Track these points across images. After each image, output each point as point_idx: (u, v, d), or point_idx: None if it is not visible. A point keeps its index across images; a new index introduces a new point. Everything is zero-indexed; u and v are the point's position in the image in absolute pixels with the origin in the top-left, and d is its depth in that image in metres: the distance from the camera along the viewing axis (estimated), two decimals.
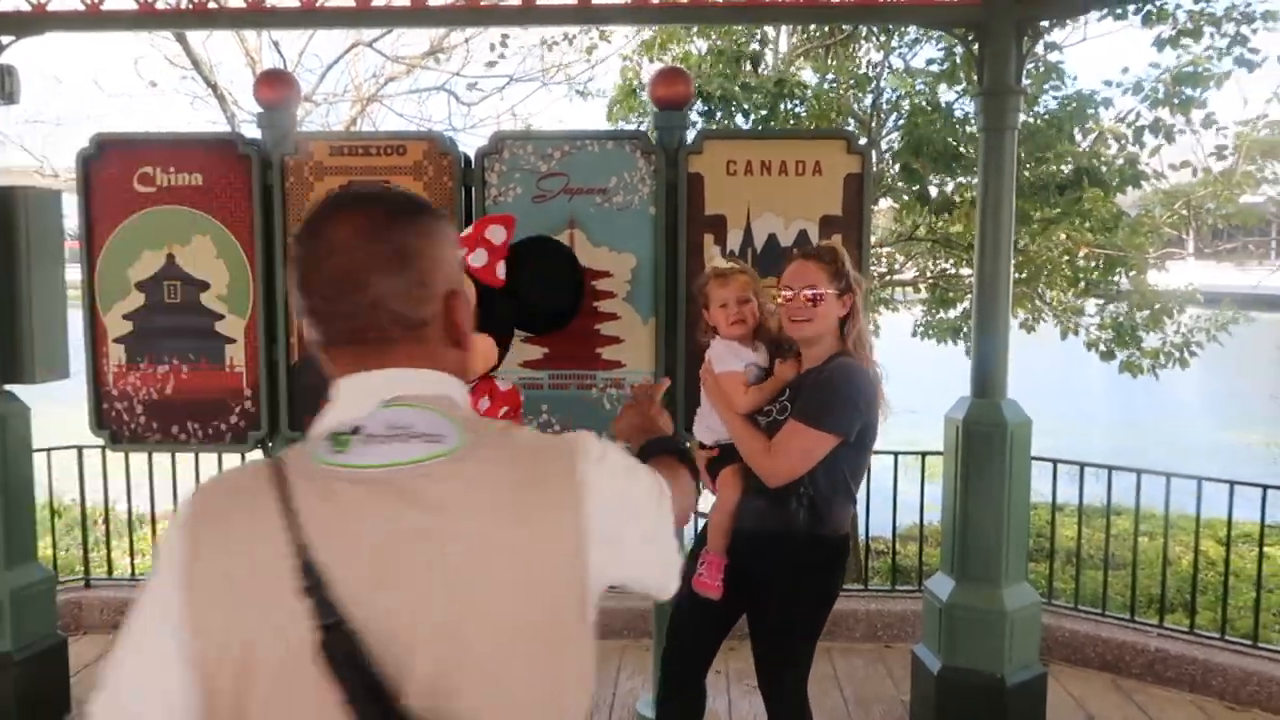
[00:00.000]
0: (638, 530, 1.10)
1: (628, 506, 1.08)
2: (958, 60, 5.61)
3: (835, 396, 2.54)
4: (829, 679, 4.17)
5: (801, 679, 2.73)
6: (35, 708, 3.64)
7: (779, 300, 2.62)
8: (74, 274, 3.68)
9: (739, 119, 5.80)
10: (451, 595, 0.94)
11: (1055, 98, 5.66)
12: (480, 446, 1.01)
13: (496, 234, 2.48)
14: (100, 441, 3.61)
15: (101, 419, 3.50)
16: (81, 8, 3.45)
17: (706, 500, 2.75)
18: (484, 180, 3.34)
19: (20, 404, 3.65)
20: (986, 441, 3.44)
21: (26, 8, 3.47)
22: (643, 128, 5.86)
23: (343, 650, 0.90)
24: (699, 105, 5.58)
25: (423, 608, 0.94)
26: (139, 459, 4.64)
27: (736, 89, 5.65)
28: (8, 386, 3.61)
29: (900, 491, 4.88)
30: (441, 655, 0.94)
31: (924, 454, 4.78)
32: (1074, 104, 5.54)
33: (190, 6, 3.54)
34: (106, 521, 5.50)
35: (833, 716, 3.83)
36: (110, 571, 5.15)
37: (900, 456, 4.82)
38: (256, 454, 3.60)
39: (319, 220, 1.05)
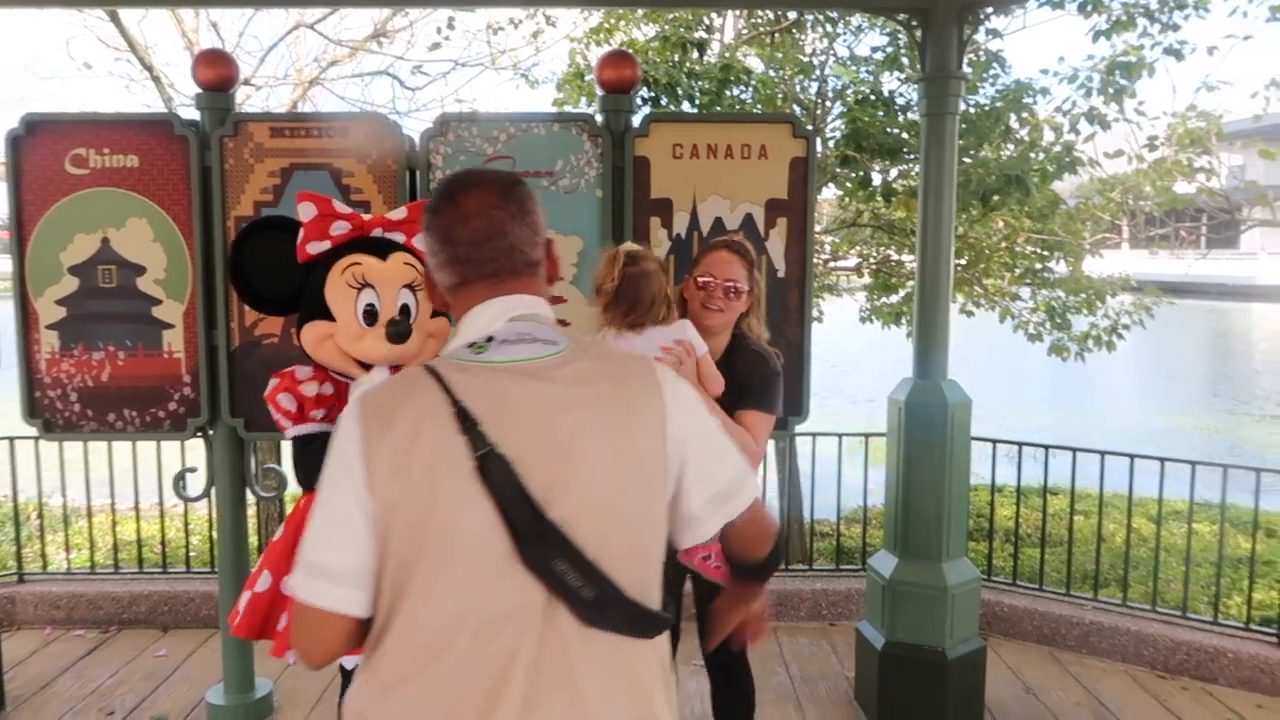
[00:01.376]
0: (703, 435, 1.41)
1: (693, 415, 1.40)
2: (901, 47, 5.69)
3: (776, 378, 2.65)
4: (775, 658, 4.23)
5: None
6: None
7: (695, 286, 2.65)
8: (5, 265, 3.57)
9: (685, 106, 5.81)
10: (573, 441, 1.26)
11: (995, 86, 5.77)
12: (583, 349, 1.37)
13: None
14: (33, 432, 3.50)
15: (34, 408, 3.40)
16: None
17: None
18: (429, 163, 3.32)
19: None
20: (928, 421, 3.52)
21: None
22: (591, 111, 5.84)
23: (497, 470, 1.22)
24: (645, 92, 5.58)
25: (555, 448, 1.26)
26: (74, 449, 4.53)
27: (682, 75, 5.66)
28: None
29: (845, 475, 4.96)
30: (571, 485, 1.25)
31: (867, 435, 4.86)
32: (1012, 93, 5.65)
33: None
34: (41, 515, 5.36)
35: (779, 694, 3.89)
36: (45, 566, 5.01)
37: (844, 439, 4.90)
38: (196, 442, 3.53)
39: (455, 192, 1.40)
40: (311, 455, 2.35)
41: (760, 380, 2.62)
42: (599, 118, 3.41)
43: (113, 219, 3.34)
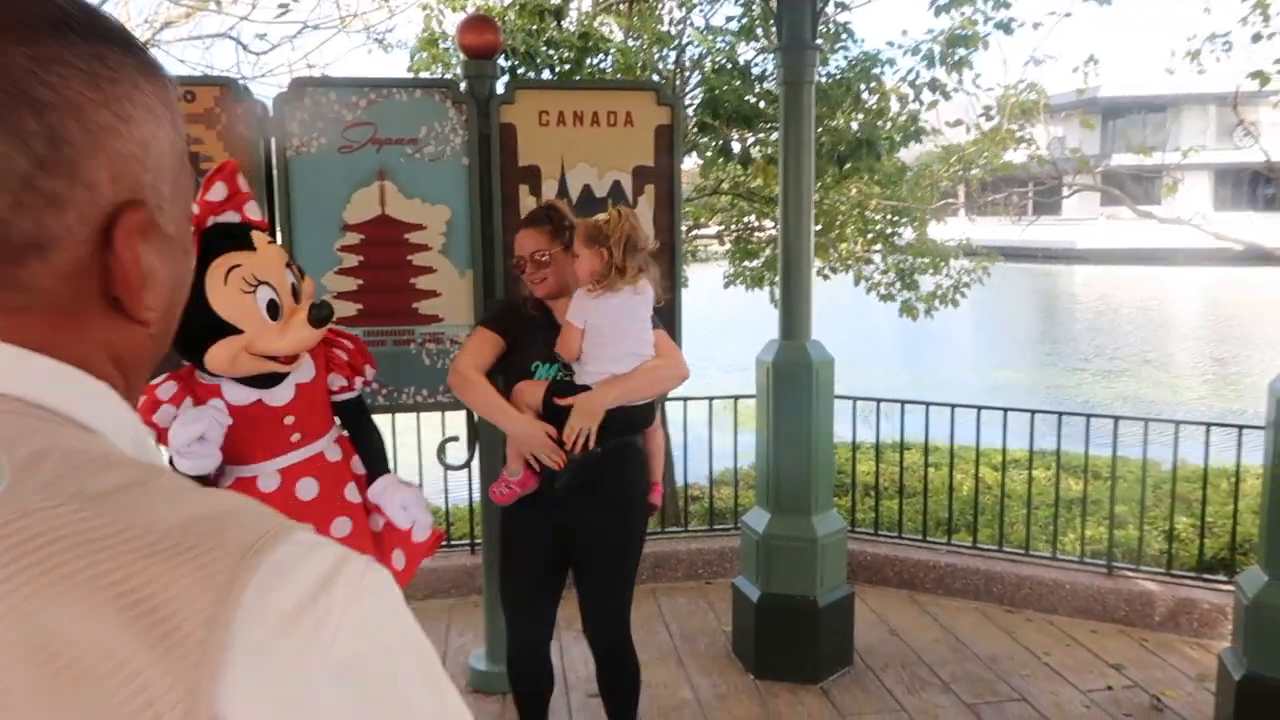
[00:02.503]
0: None
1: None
2: (755, 18, 5.81)
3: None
4: (655, 618, 4.33)
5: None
6: None
7: (514, 268, 2.74)
8: None
9: (545, 75, 5.77)
10: None
11: (845, 57, 5.99)
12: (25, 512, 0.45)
13: (244, 181, 2.32)
14: None
15: None
16: None
17: None
18: (285, 129, 3.18)
19: None
20: (794, 380, 3.65)
21: None
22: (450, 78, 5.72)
23: None
24: (503, 60, 5.51)
25: None
26: None
27: (541, 44, 5.61)
28: None
29: (715, 439, 5.10)
30: None
31: (735, 398, 5.00)
32: (861, 64, 5.88)
33: None
34: None
35: (661, 653, 3.98)
36: None
37: (715, 403, 5.03)
38: None
39: None
40: None
41: None
42: (462, 84, 3.36)
43: None
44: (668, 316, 3.44)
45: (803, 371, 3.65)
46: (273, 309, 2.21)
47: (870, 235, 6.73)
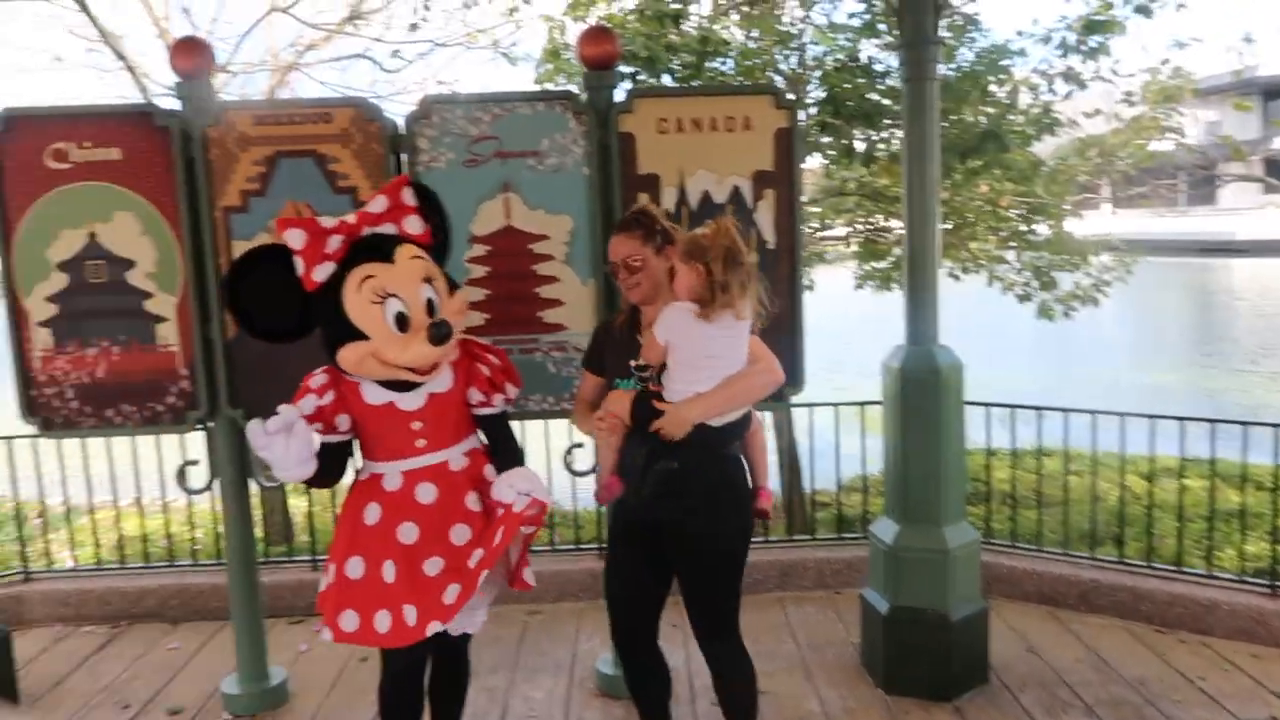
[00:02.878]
0: None
1: None
2: (877, 14, 5.67)
3: None
4: (782, 627, 4.28)
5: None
6: None
7: (606, 271, 2.75)
8: None
9: (665, 80, 5.79)
10: None
11: (972, 50, 5.77)
12: None
13: (410, 196, 2.47)
14: (30, 431, 3.49)
15: (31, 406, 3.38)
16: None
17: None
18: (415, 146, 3.30)
19: None
20: (922, 386, 3.54)
21: None
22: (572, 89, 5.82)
23: None
24: (623, 67, 5.56)
25: None
26: (71, 446, 4.53)
27: (661, 49, 5.63)
28: None
29: (844, 444, 5.00)
30: None
31: (863, 404, 4.89)
32: (989, 56, 5.66)
33: None
34: (43, 513, 5.35)
35: (788, 663, 3.93)
36: (50, 564, 5.01)
37: (840, 409, 4.94)
38: (198, 435, 3.53)
39: None
40: (318, 477, 2.48)
41: None
42: (582, 95, 3.40)
43: (98, 213, 3.31)
44: (788, 322, 3.41)
45: (930, 377, 3.53)
46: (401, 321, 2.33)
47: (1003, 233, 6.45)
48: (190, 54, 3.35)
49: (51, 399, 3.38)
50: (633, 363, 2.62)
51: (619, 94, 3.42)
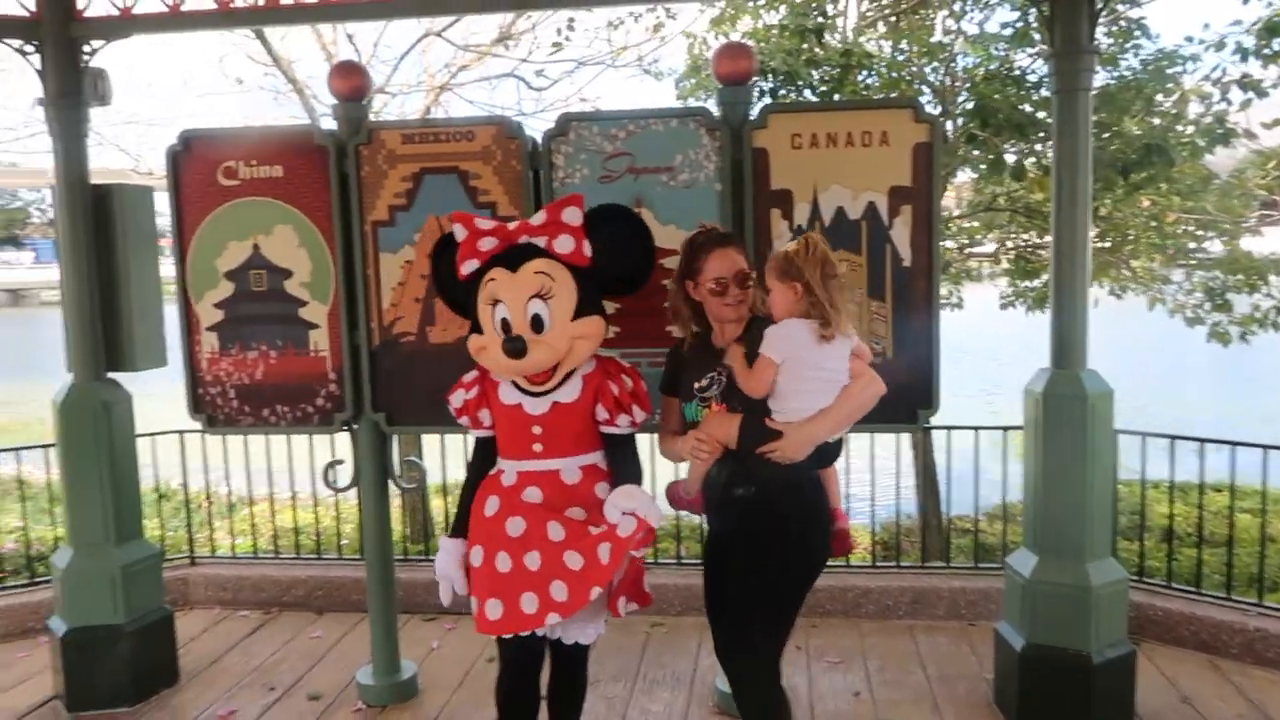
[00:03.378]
0: None
1: None
2: (1031, 23, 5.43)
3: None
4: (911, 656, 4.14)
5: None
6: (146, 677, 3.86)
7: (710, 291, 2.61)
8: (165, 270, 3.89)
9: (806, 94, 5.73)
10: None
11: (1137, 57, 5.44)
12: None
13: (573, 216, 2.57)
14: (199, 426, 3.78)
15: (198, 404, 3.67)
16: (164, 9, 3.61)
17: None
18: (551, 163, 3.39)
19: (123, 391, 3.86)
20: (1066, 413, 3.36)
21: (114, 12, 3.63)
22: (709, 105, 5.84)
23: None
24: (764, 82, 5.53)
25: None
26: (236, 441, 4.86)
27: (801, 64, 5.57)
28: (111, 375, 3.81)
29: (983, 469, 4.79)
30: None
31: (1005, 429, 4.68)
32: (1156, 64, 5.31)
33: (265, 4, 3.66)
34: (209, 502, 5.77)
35: (915, 694, 3.80)
36: (213, 550, 5.40)
37: (981, 432, 4.73)
38: (345, 435, 3.73)
39: None
40: (471, 465, 2.78)
41: None
42: (716, 111, 3.41)
43: (261, 226, 3.56)
44: (925, 342, 3.30)
45: (1076, 404, 3.34)
46: (506, 327, 2.51)
47: (1170, 250, 6.04)
48: (347, 77, 3.56)
49: (215, 398, 3.65)
50: (696, 385, 2.63)
51: (754, 110, 3.40)
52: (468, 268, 2.58)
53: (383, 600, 3.80)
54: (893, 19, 6.64)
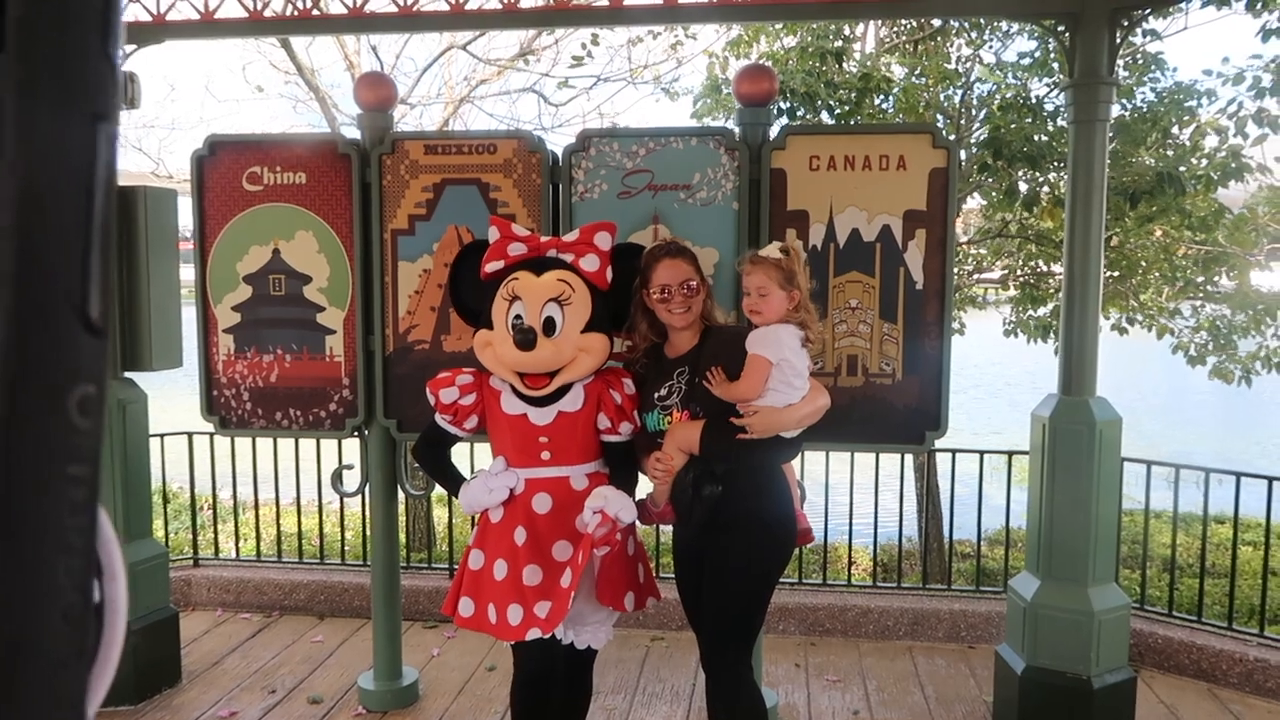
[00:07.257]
0: None
1: None
2: (1050, 52, 5.49)
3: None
4: (910, 677, 4.15)
5: None
6: (149, 674, 3.88)
7: (656, 298, 2.70)
8: (185, 273, 3.93)
9: (824, 116, 5.78)
10: None
11: (1154, 90, 5.49)
12: None
13: (604, 240, 2.68)
14: (207, 428, 3.81)
15: (211, 405, 3.71)
16: (196, 16, 3.67)
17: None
18: (571, 177, 3.44)
19: (139, 391, 3.90)
20: (1074, 439, 3.39)
21: (147, 18, 3.70)
22: (728, 125, 5.90)
23: None
24: (782, 103, 5.58)
25: None
26: (242, 444, 4.90)
27: (820, 86, 5.63)
28: (127, 374, 3.85)
29: (986, 494, 4.81)
30: None
31: (1010, 453, 4.70)
32: (1173, 96, 5.36)
33: (295, 14, 3.72)
34: (214, 505, 5.80)
35: (914, 714, 3.81)
36: (217, 552, 5.42)
37: (986, 457, 4.76)
38: (354, 441, 3.77)
39: None
40: (426, 445, 2.82)
41: (734, 346, 2.68)
42: (736, 131, 3.45)
43: (283, 232, 3.61)
44: (935, 365, 3.33)
45: (1083, 430, 3.37)
46: (517, 324, 2.59)
47: (1179, 283, 6.07)
48: (375, 88, 3.62)
49: (230, 399, 3.69)
50: (657, 394, 2.69)
51: (773, 130, 3.45)
52: (492, 267, 2.66)
53: (387, 605, 3.82)
54: (910, 45, 6.70)
